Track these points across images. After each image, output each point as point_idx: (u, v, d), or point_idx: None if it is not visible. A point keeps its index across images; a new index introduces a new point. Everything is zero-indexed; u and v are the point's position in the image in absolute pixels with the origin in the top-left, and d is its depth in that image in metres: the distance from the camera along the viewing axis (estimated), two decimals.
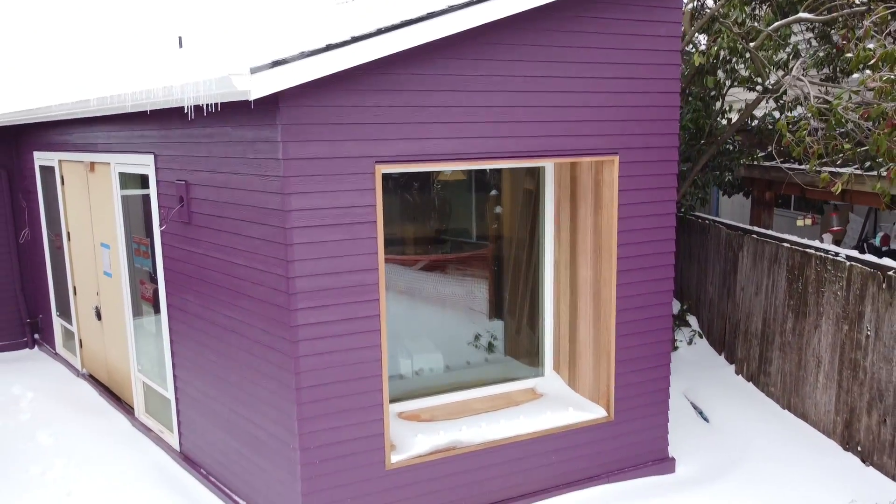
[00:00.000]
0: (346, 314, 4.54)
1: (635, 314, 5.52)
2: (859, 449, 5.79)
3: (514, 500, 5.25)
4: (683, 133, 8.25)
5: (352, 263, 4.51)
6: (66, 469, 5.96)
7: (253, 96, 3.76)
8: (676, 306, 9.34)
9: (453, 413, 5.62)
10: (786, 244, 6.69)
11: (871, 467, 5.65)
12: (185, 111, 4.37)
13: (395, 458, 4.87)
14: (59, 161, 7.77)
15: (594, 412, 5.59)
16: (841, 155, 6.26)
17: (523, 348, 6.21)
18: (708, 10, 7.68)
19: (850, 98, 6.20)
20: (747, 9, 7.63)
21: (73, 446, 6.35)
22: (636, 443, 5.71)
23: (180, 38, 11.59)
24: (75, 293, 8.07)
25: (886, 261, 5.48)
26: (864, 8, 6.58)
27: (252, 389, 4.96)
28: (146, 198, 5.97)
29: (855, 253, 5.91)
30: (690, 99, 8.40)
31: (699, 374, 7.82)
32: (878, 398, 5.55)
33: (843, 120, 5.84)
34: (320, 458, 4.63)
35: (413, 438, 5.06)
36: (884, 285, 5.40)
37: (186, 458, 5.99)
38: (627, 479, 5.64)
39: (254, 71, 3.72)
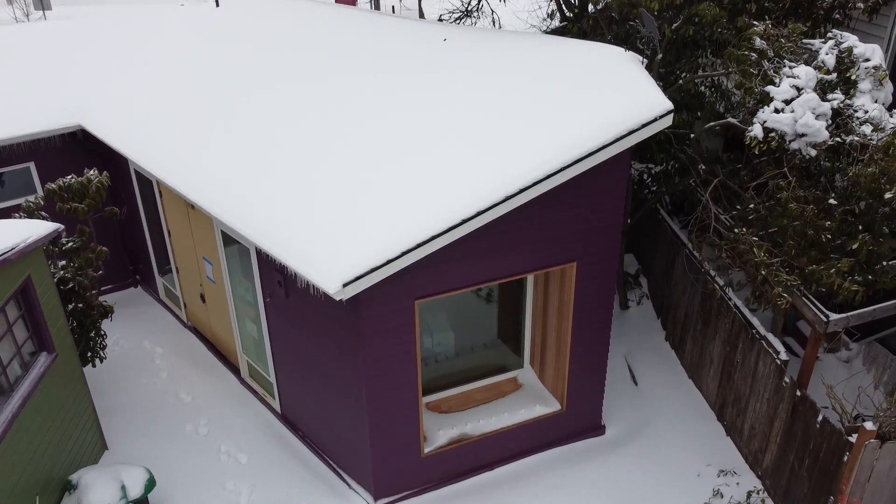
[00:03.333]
0: (396, 371, 7.33)
1: (583, 343, 8.26)
2: (724, 424, 8.89)
3: (498, 463, 8.46)
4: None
5: (398, 348, 7.20)
6: (209, 426, 9.13)
7: (339, 297, 6.21)
8: (634, 267, 12.05)
9: (461, 403, 8.64)
10: (705, 268, 9.21)
11: (728, 438, 8.78)
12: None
13: (427, 449, 7.98)
14: (157, 182, 9.97)
15: (552, 406, 8.60)
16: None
17: (510, 335, 9.01)
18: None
19: None
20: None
21: (207, 405, 9.47)
22: (579, 422, 8.80)
23: None
24: (178, 272, 10.73)
25: (755, 321, 8.10)
26: None
27: (334, 395, 7.89)
28: (244, 249, 8.39)
29: (740, 305, 8.44)
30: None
31: (640, 337, 10.73)
32: (737, 400, 8.51)
33: None
34: (382, 448, 7.69)
35: (437, 433, 8.13)
36: (748, 338, 8.10)
37: (286, 420, 9.14)
38: (572, 443, 8.81)
39: (345, 285, 6.14)
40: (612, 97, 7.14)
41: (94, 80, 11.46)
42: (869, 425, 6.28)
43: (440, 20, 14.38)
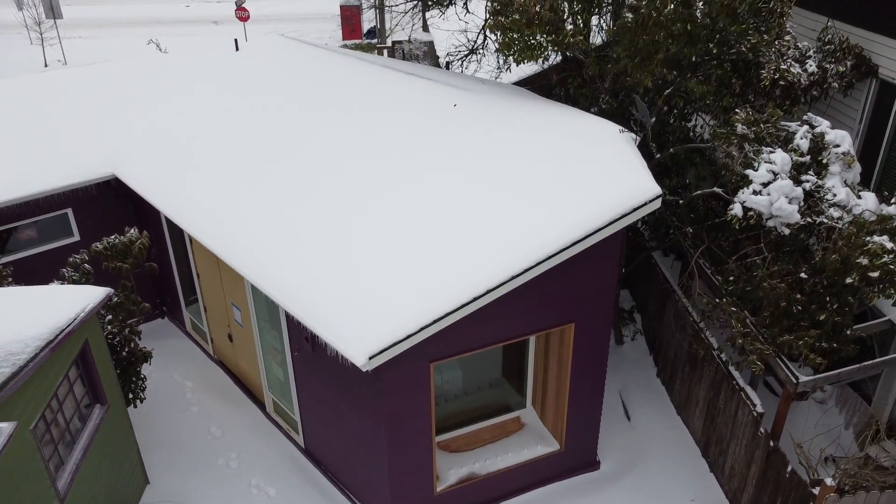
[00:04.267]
0: (412, 422, 8.19)
1: (580, 391, 9.13)
2: (708, 461, 9.78)
3: (503, 498, 9.36)
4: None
5: (414, 404, 8.06)
6: (239, 460, 10.02)
7: (365, 368, 7.05)
8: (629, 303, 12.91)
9: (470, 442, 9.53)
10: (692, 317, 10.05)
11: (711, 474, 9.67)
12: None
13: (439, 488, 8.86)
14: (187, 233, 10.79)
15: (552, 445, 9.48)
16: None
17: (514, 373, 9.88)
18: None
19: None
20: None
21: (236, 439, 10.36)
22: (576, 458, 9.69)
23: None
24: (206, 310, 11.58)
25: (736, 373, 8.94)
26: None
27: (355, 438, 8.77)
28: (273, 302, 9.22)
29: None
30: None
31: (633, 373, 11.60)
32: (720, 441, 9.39)
33: None
34: (400, 488, 8.58)
35: (448, 472, 9.02)
36: (729, 387, 8.96)
37: (310, 454, 10.02)
38: (568, 479, 9.70)
39: (370, 358, 6.99)
40: (607, 181, 7.95)
41: (124, 129, 12.22)
42: (829, 481, 7.16)
43: (447, 65, 15.12)
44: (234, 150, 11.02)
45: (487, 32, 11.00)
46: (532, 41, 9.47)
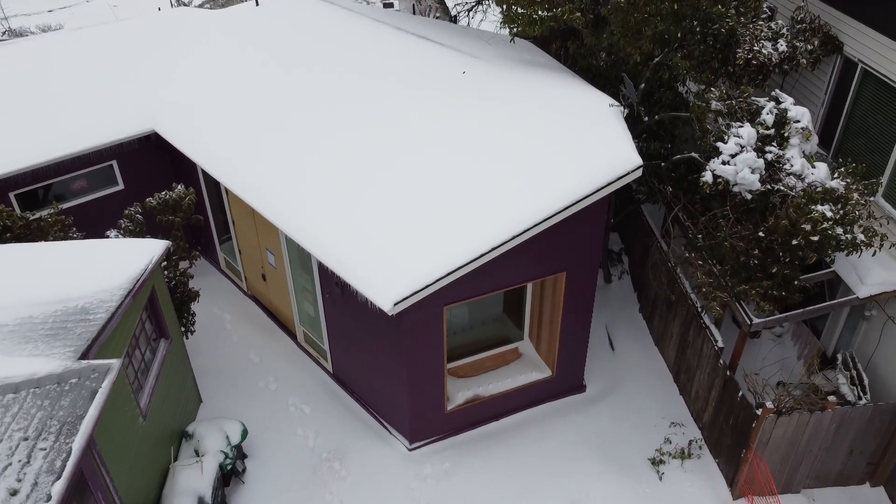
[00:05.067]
0: (428, 354, 9.76)
1: (569, 327, 10.66)
2: (679, 386, 11.44)
3: (502, 416, 11.04)
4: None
5: (430, 340, 9.60)
6: (277, 383, 11.67)
7: (391, 313, 8.52)
8: (618, 246, 14.32)
9: (475, 369, 11.14)
10: (669, 264, 11.48)
11: (680, 397, 11.34)
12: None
13: (449, 407, 10.52)
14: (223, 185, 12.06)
15: (545, 372, 11.10)
16: None
17: (513, 310, 11.42)
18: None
19: None
20: None
21: (273, 364, 11.98)
22: (566, 382, 11.33)
23: None
24: (240, 252, 13.00)
25: (706, 318, 10.42)
26: None
27: (379, 366, 10.38)
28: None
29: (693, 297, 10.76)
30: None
31: (619, 308, 13.13)
32: (689, 369, 11.00)
33: None
34: (417, 407, 10.23)
35: (456, 394, 10.66)
36: (698, 325, 10.48)
37: (337, 378, 11.67)
38: (559, 400, 11.37)
39: (395, 304, 8.45)
40: (596, 152, 9.20)
41: (160, 84, 13.32)
42: (769, 404, 8.76)
43: (455, 17, 15.97)
44: (262, 108, 12.16)
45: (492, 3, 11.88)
46: (534, 16, 10.48)
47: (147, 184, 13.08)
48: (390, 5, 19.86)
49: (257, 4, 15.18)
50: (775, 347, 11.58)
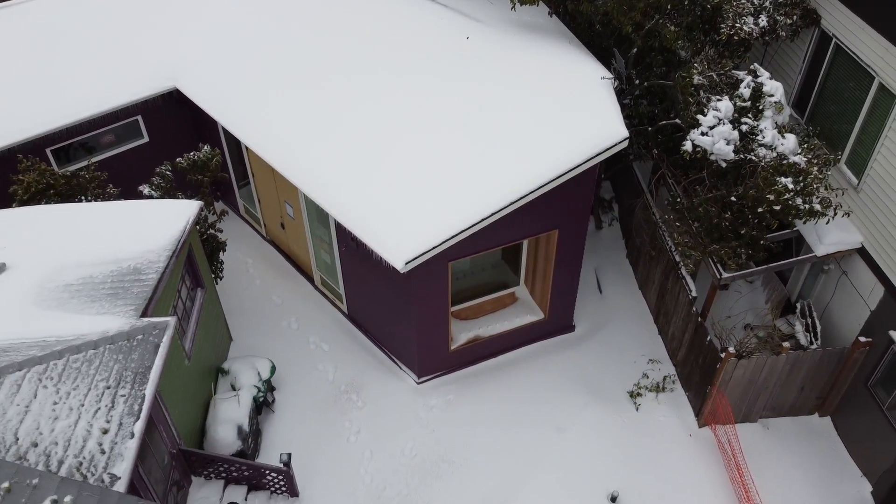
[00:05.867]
0: (434, 302, 11.02)
1: (561, 275, 11.88)
2: (658, 327, 12.77)
3: (500, 353, 12.43)
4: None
5: (436, 290, 10.83)
6: (298, 322, 12.98)
7: (403, 270, 9.70)
8: (609, 194, 15.36)
9: (475, 312, 12.44)
10: (653, 217, 12.57)
11: (659, 336, 12.69)
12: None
13: (452, 347, 11.88)
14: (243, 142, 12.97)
15: (539, 315, 12.40)
16: None
17: (511, 258, 12.64)
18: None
19: None
20: None
21: (293, 305, 13.27)
22: (557, 324, 12.65)
23: None
24: (259, 202, 14.06)
25: (683, 270, 11.59)
26: None
27: (390, 310, 11.67)
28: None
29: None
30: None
31: (608, 254, 14.32)
32: (667, 313, 12.30)
33: None
34: (424, 346, 11.58)
35: (459, 335, 12.00)
36: (676, 275, 11.68)
37: (352, 319, 13.00)
38: (550, 339, 12.72)
39: (406, 263, 9.62)
40: (588, 123, 10.15)
41: (180, 40, 14.00)
42: (731, 349, 10.08)
43: None
44: (278, 67, 12.94)
45: None
46: None
47: (170, 136, 14.02)
48: None
49: None
50: (748, 293, 12.84)
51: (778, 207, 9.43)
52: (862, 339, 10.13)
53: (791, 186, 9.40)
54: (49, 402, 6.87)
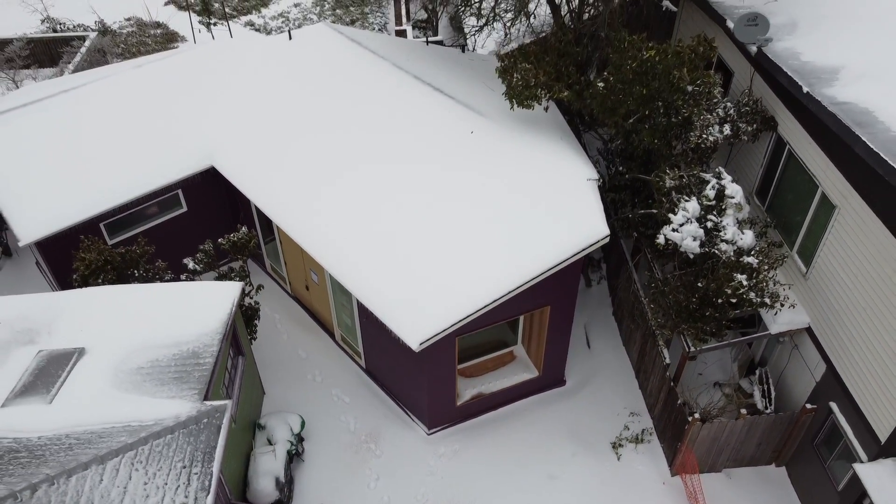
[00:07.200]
0: (443, 367, 12.76)
1: (553, 339, 13.62)
2: (639, 382, 14.51)
3: (499, 406, 14.18)
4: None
5: (444, 358, 12.56)
6: (322, 375, 14.73)
7: (417, 350, 11.43)
8: (598, 254, 17.10)
9: (479, 369, 14.19)
10: (635, 285, 14.29)
11: (640, 391, 14.44)
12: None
13: (459, 402, 13.63)
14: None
15: (533, 372, 14.15)
16: None
17: (510, 323, 14.39)
18: None
19: None
20: None
21: (318, 360, 15.01)
22: (550, 379, 14.40)
23: None
24: (286, 264, 15.78)
25: (660, 339, 13.34)
26: None
27: (404, 370, 13.41)
28: None
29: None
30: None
31: (596, 310, 16.06)
32: (646, 371, 14.03)
33: None
34: (434, 402, 13.32)
35: (464, 391, 13.75)
36: (653, 342, 13.42)
37: (370, 373, 14.74)
38: (545, 392, 14.47)
39: (421, 344, 11.36)
40: (576, 222, 11.87)
41: (215, 121, 15.71)
42: (697, 415, 11.83)
43: (463, 48, 18.06)
44: (309, 149, 14.65)
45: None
46: (531, 95, 12.88)
47: (206, 205, 15.78)
48: (440, 42, 21.58)
49: (290, 38, 17.27)
50: (718, 356, 14.59)
51: (734, 300, 11.17)
52: (808, 405, 11.88)
53: (745, 283, 11.14)
54: (141, 483, 8.63)
